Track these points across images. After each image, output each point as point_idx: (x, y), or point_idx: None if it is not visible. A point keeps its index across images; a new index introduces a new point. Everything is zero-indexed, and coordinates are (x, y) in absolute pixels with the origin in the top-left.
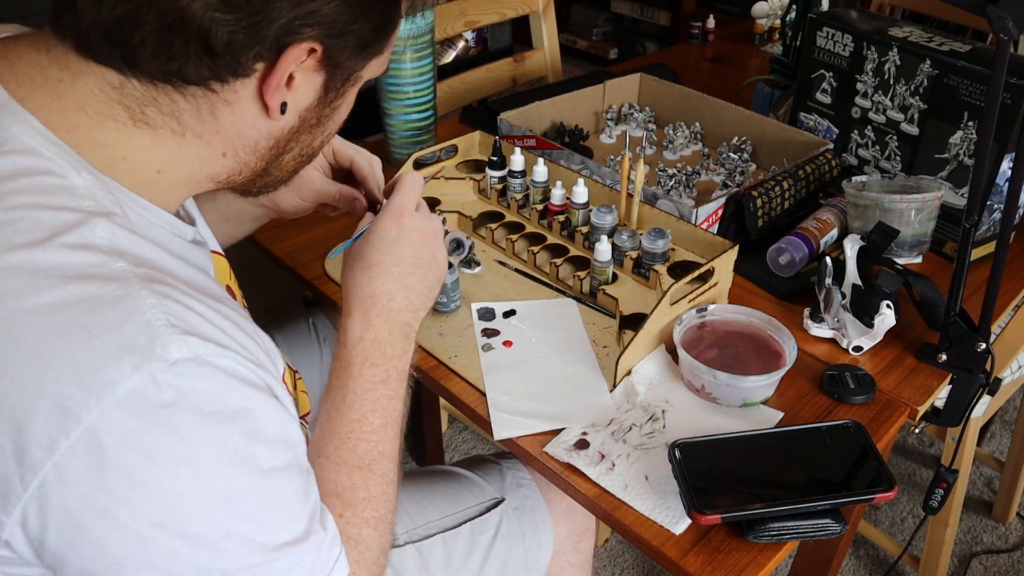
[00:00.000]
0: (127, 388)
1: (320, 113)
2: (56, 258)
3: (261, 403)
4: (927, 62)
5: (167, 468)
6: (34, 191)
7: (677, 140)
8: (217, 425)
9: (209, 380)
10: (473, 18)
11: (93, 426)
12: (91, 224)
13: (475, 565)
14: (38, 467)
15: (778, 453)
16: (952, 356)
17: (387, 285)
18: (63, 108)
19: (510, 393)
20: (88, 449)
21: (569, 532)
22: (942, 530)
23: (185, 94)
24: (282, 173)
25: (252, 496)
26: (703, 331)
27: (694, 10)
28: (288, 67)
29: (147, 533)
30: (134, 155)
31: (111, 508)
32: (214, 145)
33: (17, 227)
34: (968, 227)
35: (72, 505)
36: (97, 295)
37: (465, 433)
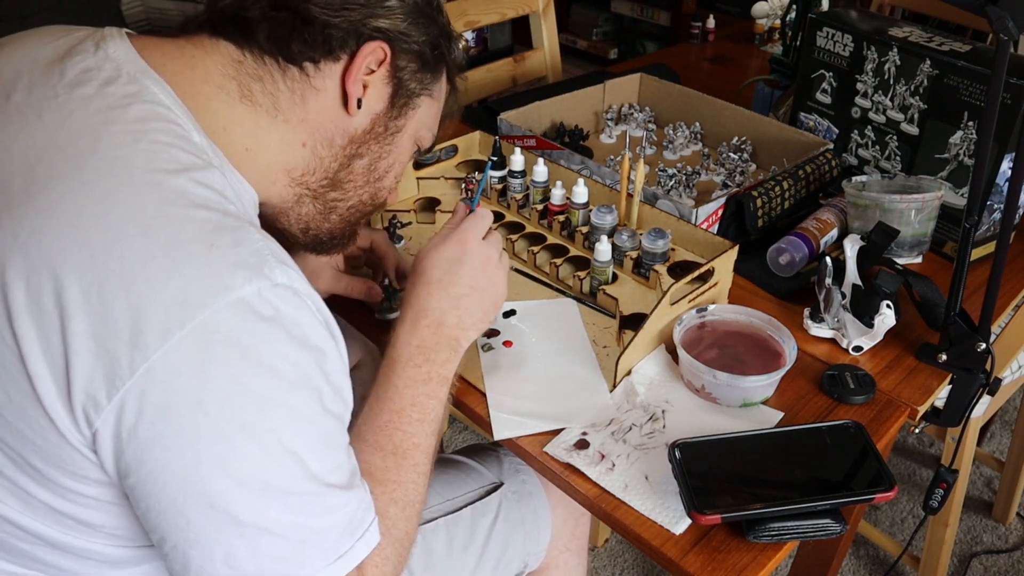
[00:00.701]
0: (238, 295)
1: (388, 124)
2: (187, 186)
3: (332, 349)
4: (927, 62)
5: (258, 372)
6: (168, 133)
7: (677, 140)
8: (301, 349)
9: (300, 310)
10: (473, 18)
11: (205, 321)
12: (210, 170)
13: (476, 549)
14: (149, 352)
15: (778, 453)
16: (952, 356)
17: (441, 303)
18: (192, 78)
19: (510, 393)
20: (196, 342)
21: (566, 516)
22: (942, 530)
23: (285, 75)
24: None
25: (316, 425)
26: (703, 331)
27: (694, 10)
28: (365, 59)
29: (230, 432)
30: (233, 128)
31: (205, 401)
32: (298, 132)
33: (159, 155)
34: (968, 227)
35: (172, 394)
36: (218, 220)
37: (465, 433)
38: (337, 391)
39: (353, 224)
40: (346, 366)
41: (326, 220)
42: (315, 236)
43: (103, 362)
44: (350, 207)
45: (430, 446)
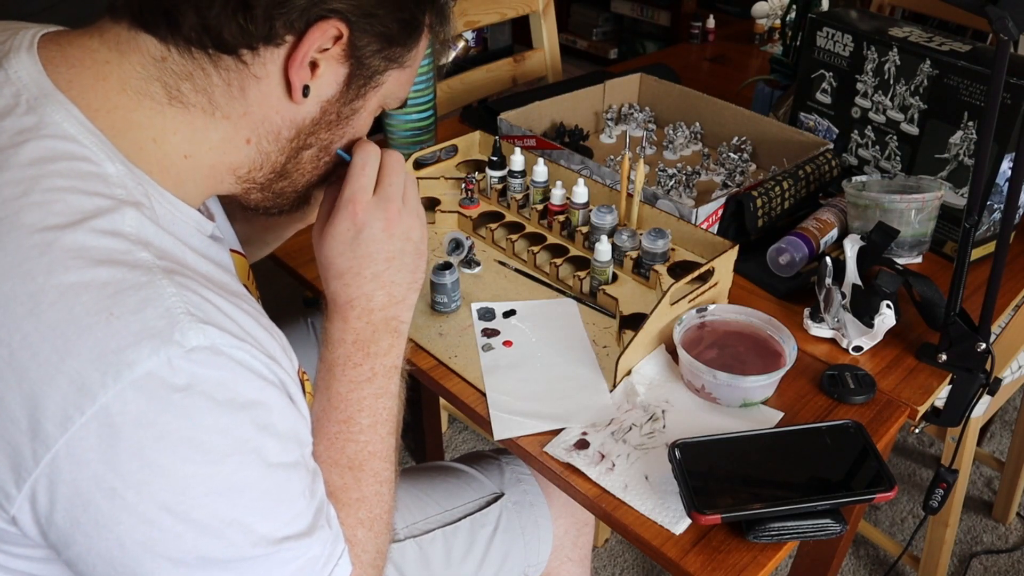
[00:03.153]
0: (144, 370)
1: (340, 109)
2: (86, 240)
3: (274, 398)
4: (927, 62)
5: (177, 451)
6: (70, 175)
7: (677, 140)
8: (229, 413)
9: (223, 369)
10: (473, 18)
11: (107, 405)
12: (121, 212)
13: (475, 560)
14: (51, 443)
15: (778, 453)
16: (952, 356)
17: (363, 289)
18: (106, 89)
19: (510, 393)
20: (101, 428)
21: (568, 527)
22: (942, 530)
23: (219, 66)
24: (298, 179)
25: (258, 487)
26: (703, 331)
27: (694, 10)
28: (314, 43)
29: (152, 515)
30: (165, 137)
31: (119, 488)
32: (240, 129)
33: (51, 208)
34: (968, 227)
35: (81, 483)
36: (121, 279)
37: (465, 433)
38: (288, 438)
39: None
40: (301, 401)
41: (275, 202)
42: (266, 213)
43: (6, 453)
44: (296, 189)
45: (389, 449)
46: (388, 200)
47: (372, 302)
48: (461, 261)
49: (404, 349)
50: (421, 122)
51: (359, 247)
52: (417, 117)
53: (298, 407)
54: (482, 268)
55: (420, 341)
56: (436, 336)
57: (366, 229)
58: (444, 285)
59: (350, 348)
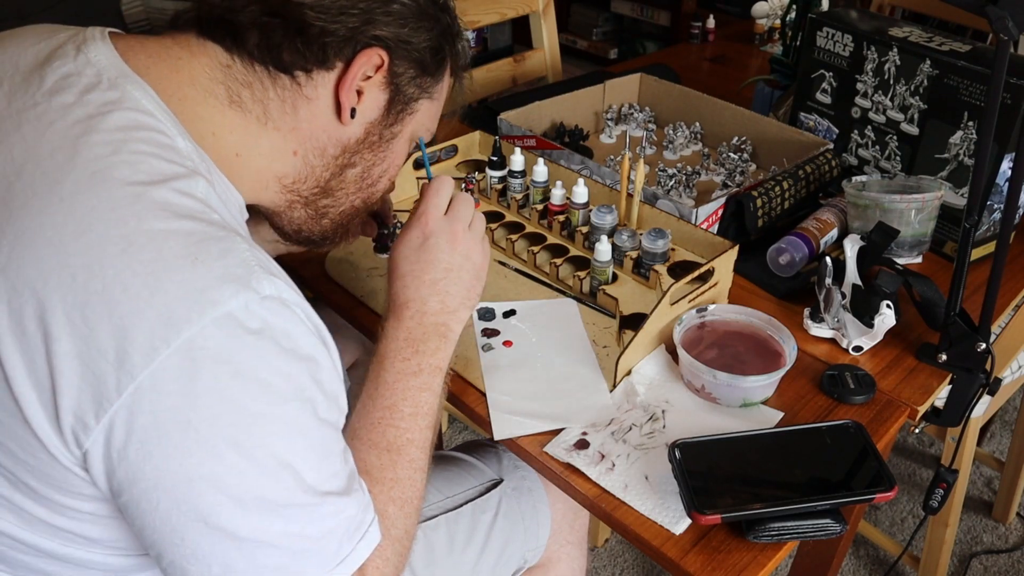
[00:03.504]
0: (225, 310)
1: (382, 132)
2: (170, 196)
3: (324, 357)
4: (927, 62)
5: (247, 388)
6: (151, 143)
7: (677, 140)
8: (292, 361)
9: (289, 321)
10: (473, 18)
11: (192, 338)
12: (194, 179)
13: (477, 545)
14: (136, 372)
15: (778, 453)
16: (952, 356)
17: (419, 292)
18: (179, 81)
19: (510, 393)
20: (183, 360)
21: (565, 511)
22: (942, 530)
23: (276, 83)
24: (342, 199)
25: (310, 436)
26: (703, 331)
27: (694, 10)
28: (361, 67)
29: (221, 450)
30: (222, 133)
31: (194, 420)
32: (289, 140)
33: (138, 167)
34: (968, 227)
35: (160, 413)
36: (203, 231)
37: (465, 433)
38: (331, 399)
39: (346, 225)
40: (339, 372)
41: (318, 224)
42: (307, 237)
43: (89, 383)
44: (342, 212)
45: (426, 440)
46: (456, 219)
47: (426, 305)
48: None
49: (450, 355)
50: None
51: (423, 253)
52: None
53: (338, 373)
54: None
55: None
56: None
57: (432, 238)
58: None
59: (401, 343)
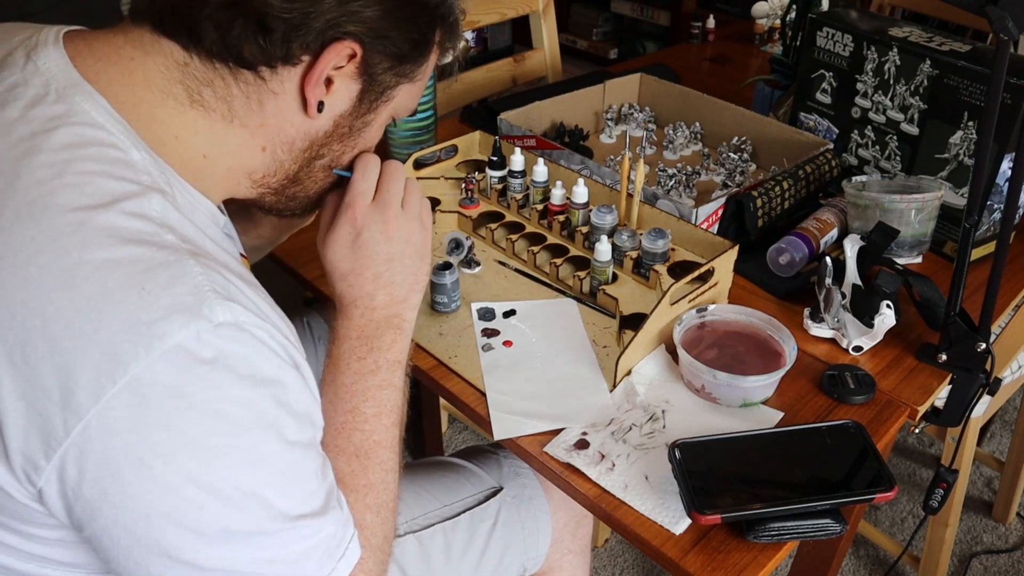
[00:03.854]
0: (174, 342)
1: (352, 123)
2: (117, 221)
3: (290, 377)
4: (927, 62)
5: (203, 421)
6: (100, 160)
7: (677, 140)
8: (251, 388)
9: (246, 346)
10: (473, 18)
11: (139, 375)
12: (147, 196)
13: (475, 554)
14: (82, 412)
15: (778, 453)
16: (952, 356)
17: (364, 289)
18: (132, 83)
19: (510, 393)
20: (132, 397)
21: (567, 519)
22: (942, 530)
23: (238, 79)
24: (311, 185)
25: (277, 462)
26: (703, 331)
27: (694, 10)
28: (329, 62)
29: (178, 485)
30: (186, 136)
31: (147, 457)
32: (256, 137)
33: (83, 190)
34: (968, 227)
35: (111, 452)
36: (151, 258)
37: (465, 433)
38: (303, 418)
39: (317, 202)
40: (312, 388)
41: (287, 206)
42: (279, 213)
43: (36, 424)
44: (310, 195)
45: (393, 439)
46: (386, 205)
47: (374, 301)
48: (461, 261)
49: (407, 346)
50: (421, 122)
51: (359, 249)
52: (417, 117)
53: (310, 389)
54: (482, 268)
55: (420, 341)
56: (436, 336)
57: (364, 232)
58: (444, 285)
59: (354, 343)
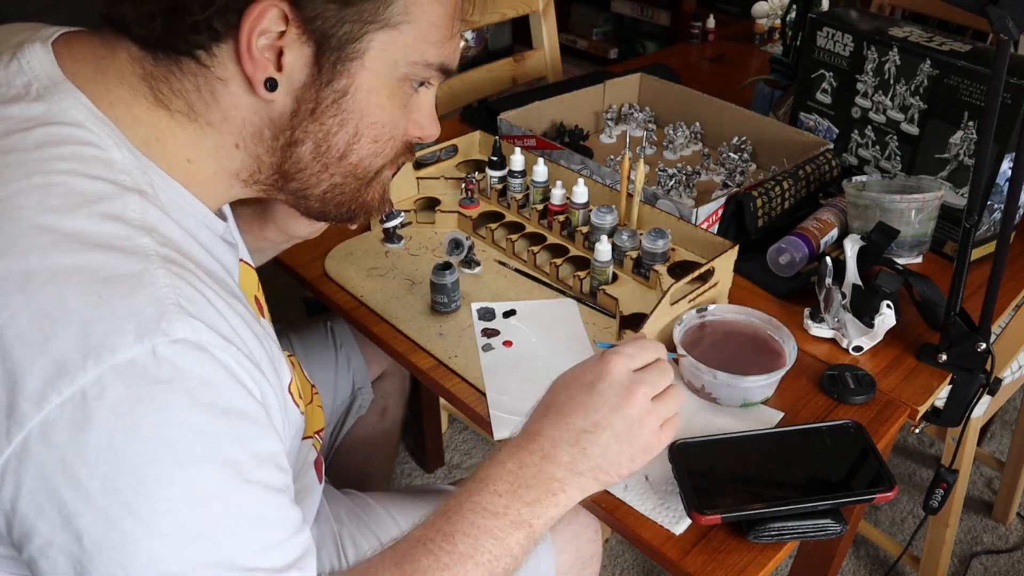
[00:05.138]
0: (127, 356)
1: (318, 94)
2: (84, 225)
3: (255, 410)
4: (927, 62)
5: (148, 447)
6: (73, 159)
7: (677, 140)
8: (207, 416)
9: (206, 368)
10: (473, 18)
11: (85, 388)
12: (124, 198)
13: None
14: (25, 421)
15: (778, 453)
16: (952, 356)
17: (555, 431)
18: (107, 81)
19: (510, 393)
20: (75, 411)
21: (572, 561)
22: (942, 530)
23: (185, 70)
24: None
25: (231, 503)
26: (703, 331)
27: (694, 10)
28: (254, 28)
29: (113, 513)
30: (166, 139)
31: (83, 478)
32: (224, 134)
33: (53, 191)
34: (968, 227)
35: (48, 467)
36: (115, 265)
37: (465, 433)
38: (266, 458)
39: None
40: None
41: (311, 206)
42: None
43: None
44: (323, 191)
45: None
46: (644, 384)
47: (557, 451)
48: (461, 261)
49: (550, 521)
50: None
51: (586, 394)
52: None
53: (276, 430)
54: (482, 268)
55: (420, 341)
56: (436, 336)
57: (604, 382)
58: (444, 285)
59: (504, 472)
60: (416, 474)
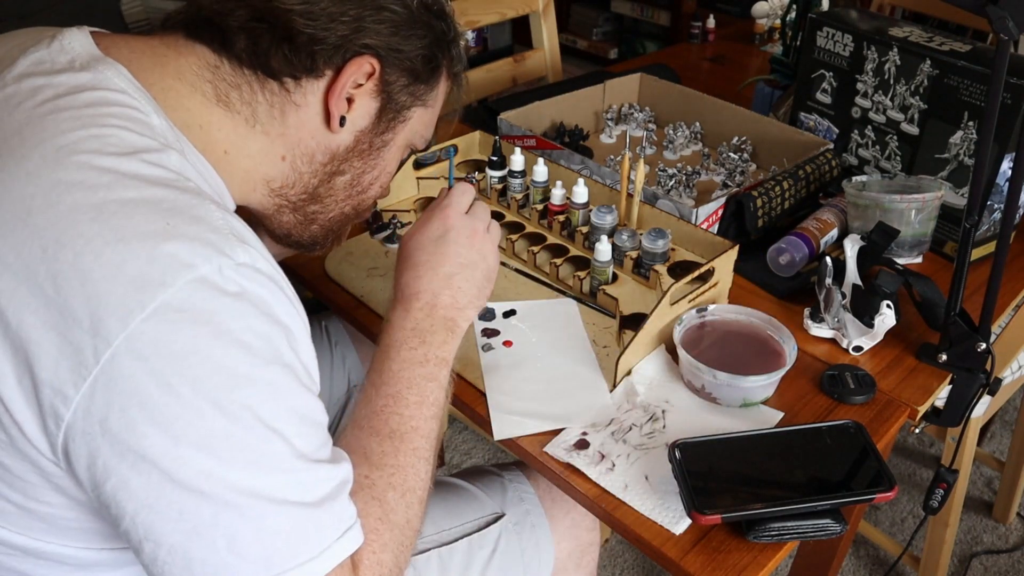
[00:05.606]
0: (200, 273)
1: (372, 140)
2: (140, 168)
3: (299, 328)
4: (927, 62)
5: (229, 349)
6: (122, 117)
7: (677, 140)
8: (270, 324)
9: (265, 288)
10: (473, 18)
11: (167, 301)
12: (167, 152)
13: None
14: (111, 338)
15: (778, 453)
16: (952, 356)
17: (432, 285)
18: (163, 74)
19: (510, 393)
20: (160, 323)
21: (572, 549)
22: (942, 530)
23: (264, 87)
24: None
25: (293, 400)
26: (703, 331)
27: (694, 10)
28: (351, 75)
29: (206, 410)
30: (210, 128)
31: (175, 383)
32: (276, 145)
33: (108, 140)
34: (968, 227)
35: (140, 378)
36: (175, 199)
37: (465, 433)
38: (307, 369)
39: (336, 231)
40: (312, 346)
41: (307, 229)
42: (297, 241)
43: (67, 354)
44: (331, 218)
45: (431, 430)
46: (478, 219)
47: (437, 299)
48: None
49: (456, 349)
50: None
51: (442, 245)
52: None
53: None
54: None
55: None
56: None
57: (452, 231)
58: None
59: (408, 333)
60: None
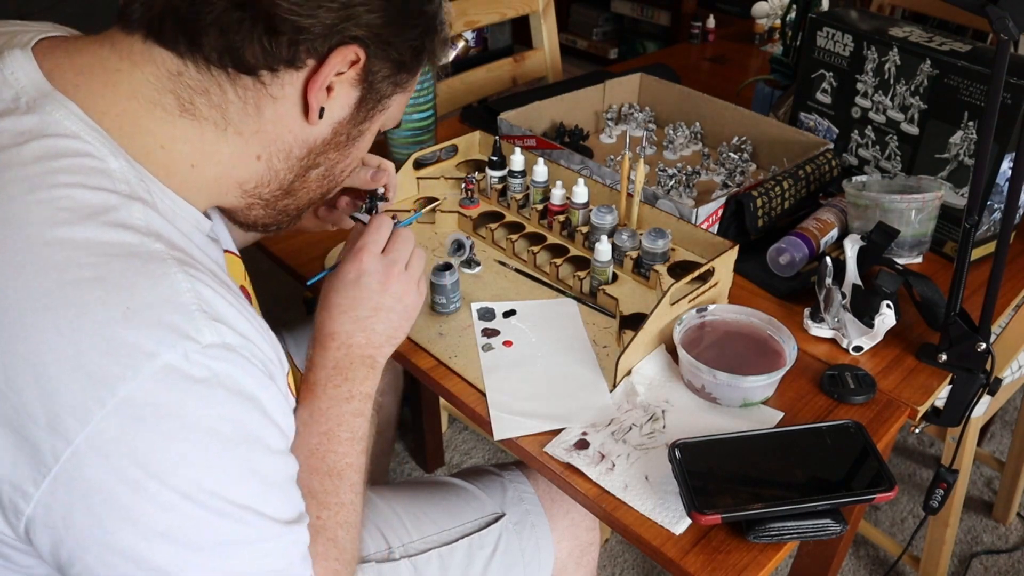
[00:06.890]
0: (163, 361)
1: (350, 131)
2: (97, 235)
3: (271, 392)
4: (927, 62)
5: (197, 439)
6: (75, 171)
7: (677, 140)
8: (240, 403)
9: (233, 364)
10: (473, 18)
11: (129, 396)
12: (128, 207)
13: None
14: (71, 436)
15: (778, 453)
16: (952, 356)
17: (345, 327)
18: (115, 96)
19: (510, 393)
20: (122, 419)
21: (571, 549)
22: (942, 530)
23: (236, 85)
24: (303, 196)
25: (265, 472)
26: (703, 331)
27: (694, 10)
28: (334, 66)
29: (175, 503)
30: (174, 145)
31: (142, 479)
32: (251, 145)
33: (59, 204)
34: (968, 227)
35: (103, 477)
36: (136, 273)
37: (465, 433)
38: (281, 428)
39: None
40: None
41: (274, 219)
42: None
43: (24, 451)
44: (299, 207)
45: (362, 465)
46: (393, 262)
47: (352, 339)
48: (461, 261)
49: (377, 383)
50: (421, 122)
51: (354, 290)
52: (417, 117)
53: (283, 394)
54: (482, 268)
55: (420, 341)
56: (436, 336)
57: (365, 276)
58: (444, 286)
59: (330, 371)
60: (416, 474)
